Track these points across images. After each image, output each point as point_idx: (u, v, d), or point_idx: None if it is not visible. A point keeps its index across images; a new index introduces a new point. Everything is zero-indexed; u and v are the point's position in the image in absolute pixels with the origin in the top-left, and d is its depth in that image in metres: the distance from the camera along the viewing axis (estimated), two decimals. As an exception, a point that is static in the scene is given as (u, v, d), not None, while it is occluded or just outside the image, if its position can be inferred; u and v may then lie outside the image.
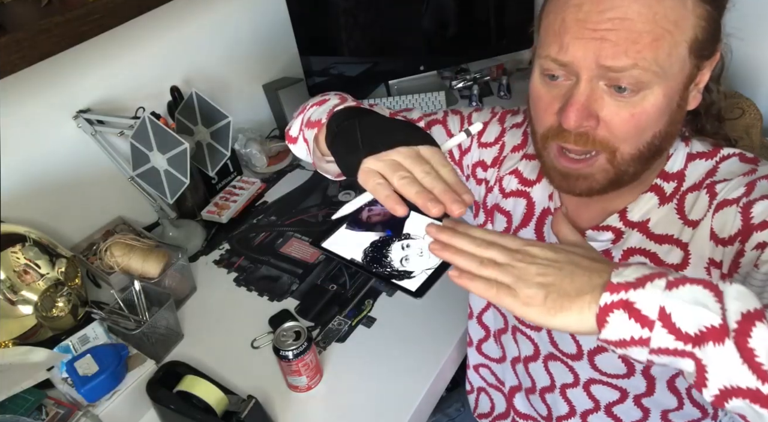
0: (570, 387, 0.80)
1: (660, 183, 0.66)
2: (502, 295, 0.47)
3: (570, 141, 0.59)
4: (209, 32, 1.34)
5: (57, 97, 1.08)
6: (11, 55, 0.80)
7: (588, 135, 0.59)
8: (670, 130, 0.61)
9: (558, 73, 0.58)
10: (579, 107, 0.56)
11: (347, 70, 1.55)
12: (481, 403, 1.02)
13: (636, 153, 0.60)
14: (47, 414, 0.83)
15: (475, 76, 1.57)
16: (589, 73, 0.56)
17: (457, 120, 0.86)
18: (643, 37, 0.53)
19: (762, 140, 1.15)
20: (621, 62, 0.54)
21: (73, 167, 1.14)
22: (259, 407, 0.83)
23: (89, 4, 0.87)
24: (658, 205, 0.66)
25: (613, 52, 0.54)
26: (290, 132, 0.78)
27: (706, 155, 0.66)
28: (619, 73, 0.55)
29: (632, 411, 0.76)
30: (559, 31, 0.56)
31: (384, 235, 1.20)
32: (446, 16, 1.53)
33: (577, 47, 0.55)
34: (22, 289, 0.97)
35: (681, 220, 0.65)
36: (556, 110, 0.59)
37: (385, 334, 0.99)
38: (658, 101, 0.56)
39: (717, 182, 0.63)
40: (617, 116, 0.57)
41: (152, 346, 0.96)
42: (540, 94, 0.61)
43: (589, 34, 0.54)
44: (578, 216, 0.73)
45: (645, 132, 0.59)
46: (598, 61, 0.55)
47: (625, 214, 0.67)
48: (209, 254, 1.22)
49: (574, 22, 0.55)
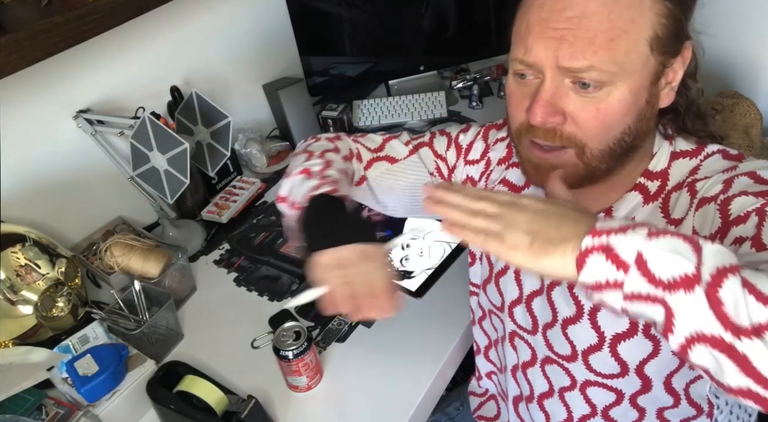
0: (567, 391, 0.80)
1: (644, 182, 0.67)
2: (489, 241, 0.49)
3: (539, 136, 0.62)
4: (209, 32, 1.34)
5: (57, 97, 1.08)
6: (11, 55, 0.80)
7: (556, 131, 0.61)
8: (640, 126, 0.62)
9: (527, 72, 0.61)
10: (544, 104, 0.59)
11: (347, 70, 1.55)
12: (488, 408, 1.02)
13: (606, 149, 0.61)
14: (47, 414, 0.83)
15: (475, 76, 1.57)
16: (552, 72, 0.58)
17: (444, 141, 0.89)
18: (598, 37, 0.55)
19: (762, 140, 1.15)
20: (578, 64, 0.56)
21: (73, 167, 1.14)
22: (259, 407, 0.83)
23: (89, 4, 0.87)
24: (642, 204, 0.67)
25: (570, 52, 0.56)
26: (280, 193, 0.80)
27: (690, 153, 0.66)
28: (577, 74, 0.57)
29: (629, 413, 0.77)
30: (524, 33, 0.59)
31: (384, 235, 1.20)
32: (446, 16, 1.53)
33: (539, 48, 0.58)
34: (22, 289, 0.97)
35: (665, 219, 0.65)
36: (526, 107, 0.62)
37: (385, 334, 0.99)
38: (624, 97, 0.58)
39: (698, 180, 0.63)
40: (583, 111, 0.59)
41: (152, 346, 0.96)
42: (513, 92, 0.64)
43: (550, 32, 0.57)
44: None
45: (612, 128, 0.60)
46: (557, 62, 0.57)
47: (611, 213, 0.68)
48: (209, 254, 1.22)
49: (537, 22, 0.58)
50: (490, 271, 0.85)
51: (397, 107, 1.56)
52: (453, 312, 1.00)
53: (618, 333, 0.69)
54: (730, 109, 1.13)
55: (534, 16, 0.58)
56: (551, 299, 0.75)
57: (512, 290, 0.81)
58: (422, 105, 1.55)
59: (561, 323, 0.75)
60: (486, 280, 0.86)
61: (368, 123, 1.55)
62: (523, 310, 0.80)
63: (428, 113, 1.53)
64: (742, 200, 0.56)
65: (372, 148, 0.90)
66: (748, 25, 1.25)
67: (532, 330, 0.80)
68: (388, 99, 1.57)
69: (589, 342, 0.72)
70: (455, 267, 1.09)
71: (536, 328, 0.79)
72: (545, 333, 0.78)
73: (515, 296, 0.81)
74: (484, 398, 1.03)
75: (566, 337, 0.75)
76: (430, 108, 1.54)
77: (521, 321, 0.82)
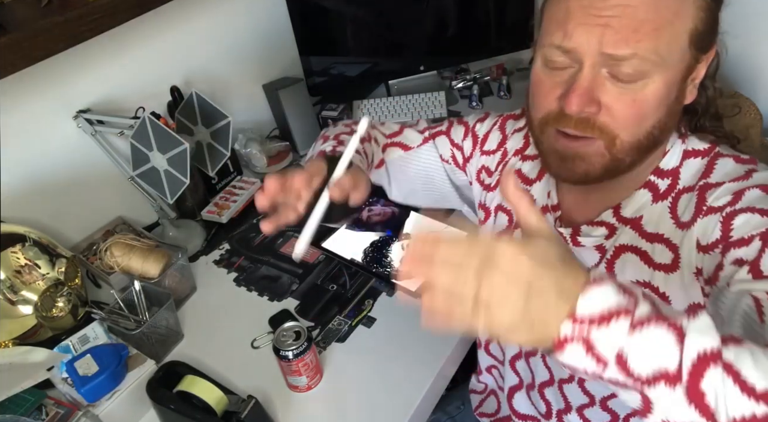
0: (566, 383, 0.80)
1: (654, 180, 0.67)
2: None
3: (570, 126, 0.60)
4: (209, 32, 1.34)
5: (57, 97, 1.08)
6: (11, 55, 0.80)
7: (589, 120, 0.59)
8: (668, 121, 0.61)
9: (561, 60, 0.59)
10: (582, 92, 0.57)
11: (347, 70, 1.55)
12: (488, 404, 1.02)
13: (635, 142, 0.61)
14: (47, 414, 0.83)
15: (475, 76, 1.57)
16: (592, 60, 0.57)
17: (461, 130, 0.88)
18: (644, 26, 0.55)
19: (762, 140, 1.15)
20: (622, 51, 0.55)
21: (73, 167, 1.14)
22: (259, 407, 0.83)
23: (89, 4, 0.87)
24: (651, 202, 0.66)
25: (614, 39, 0.55)
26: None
27: (702, 152, 0.66)
28: (620, 62, 0.56)
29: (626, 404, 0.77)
30: (563, 19, 0.58)
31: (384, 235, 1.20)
32: (446, 16, 1.53)
33: (581, 33, 0.56)
34: (22, 289, 0.97)
35: (673, 220, 0.65)
36: (558, 96, 0.60)
37: (385, 334, 0.99)
38: (659, 90, 0.57)
39: (710, 186, 0.62)
40: (619, 102, 0.58)
41: (152, 346, 0.96)
42: (541, 79, 0.62)
43: (594, 20, 0.56)
44: (576, 211, 0.73)
45: (645, 120, 0.59)
46: (600, 49, 0.56)
47: (619, 210, 0.68)
48: (209, 254, 1.22)
49: (579, 8, 0.57)
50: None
51: (397, 107, 1.56)
52: (453, 312, 1.00)
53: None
54: (730, 109, 1.13)
55: (575, 2, 0.57)
56: None
57: None
58: (422, 105, 1.55)
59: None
60: None
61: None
62: None
63: (428, 113, 1.53)
64: (747, 219, 0.56)
65: (387, 134, 0.89)
66: (748, 25, 1.25)
67: None
68: (388, 99, 1.57)
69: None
70: (455, 267, 1.09)
71: None
72: None
73: None
74: (485, 395, 1.03)
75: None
76: (430, 108, 1.54)
77: None
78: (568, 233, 0.72)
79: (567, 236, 0.72)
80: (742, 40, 1.26)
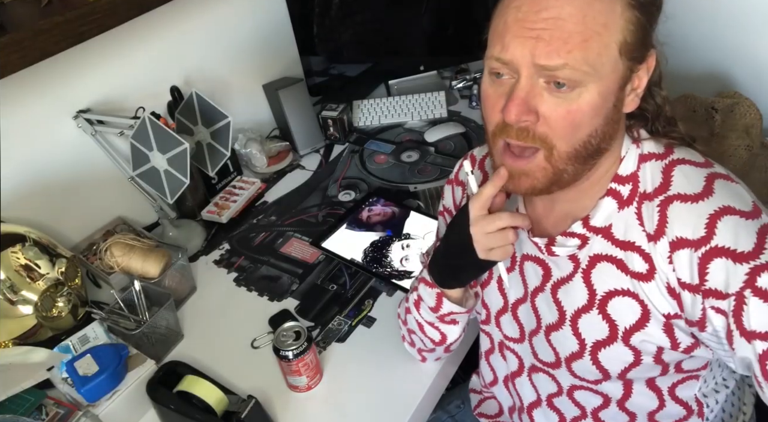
0: (556, 397, 0.81)
1: (616, 187, 0.68)
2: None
3: (512, 136, 0.63)
4: (209, 32, 1.34)
5: (57, 97, 1.08)
6: (11, 55, 0.80)
7: (528, 130, 0.62)
8: (607, 130, 0.63)
9: (502, 71, 0.62)
10: (519, 102, 0.60)
11: (347, 70, 1.56)
12: (488, 405, 1.02)
13: (572, 151, 0.62)
14: (47, 414, 0.83)
15: (475, 76, 1.57)
16: (528, 71, 0.60)
17: (441, 221, 0.92)
18: (573, 37, 0.58)
19: (762, 140, 1.15)
20: (553, 61, 0.58)
21: (73, 167, 1.14)
22: (259, 407, 0.83)
23: (89, 4, 0.87)
24: (618, 209, 0.67)
25: (546, 51, 0.58)
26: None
27: (657, 156, 0.67)
28: (553, 72, 0.58)
29: (618, 416, 0.77)
30: (501, 32, 0.61)
31: (384, 235, 1.20)
32: (446, 16, 1.53)
33: (516, 45, 0.59)
34: (22, 289, 0.97)
35: (642, 228, 0.65)
36: (501, 108, 0.63)
37: (385, 334, 0.99)
38: (594, 99, 0.60)
39: (671, 199, 0.63)
40: (555, 112, 0.60)
41: (152, 346, 0.96)
42: (488, 93, 0.65)
43: (527, 32, 0.59)
44: (545, 221, 0.75)
45: (580, 129, 0.61)
46: (533, 60, 0.59)
47: (588, 220, 0.69)
48: (209, 254, 1.22)
49: (514, 22, 0.60)
50: (474, 284, 0.85)
51: (397, 107, 1.56)
52: (453, 312, 1.00)
53: (598, 340, 0.70)
54: (730, 109, 1.13)
55: (511, 16, 0.60)
56: (535, 305, 0.76)
57: (497, 300, 0.82)
58: (422, 105, 1.55)
59: (545, 329, 0.76)
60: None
61: (368, 123, 1.55)
62: (509, 318, 0.81)
63: (428, 113, 1.53)
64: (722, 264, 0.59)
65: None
66: (748, 25, 1.25)
67: (520, 337, 0.81)
68: (388, 99, 1.57)
69: (570, 349, 0.73)
70: (455, 267, 1.09)
71: (523, 336, 0.80)
72: (531, 340, 0.79)
73: (500, 306, 0.82)
74: (485, 396, 1.03)
75: (549, 344, 0.76)
76: (430, 108, 1.54)
77: (507, 330, 0.82)
78: (543, 243, 0.73)
79: (542, 245, 0.73)
80: (741, 40, 1.26)
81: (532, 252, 0.75)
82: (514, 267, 0.78)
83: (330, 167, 1.44)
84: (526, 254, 0.76)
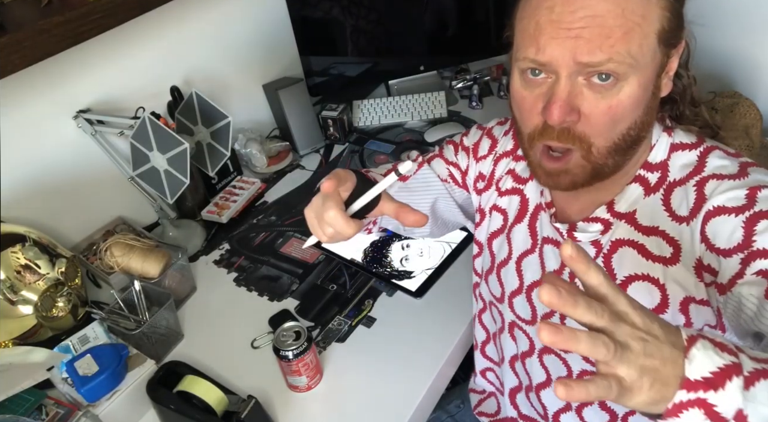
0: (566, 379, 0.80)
1: (644, 174, 0.68)
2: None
3: (554, 138, 0.62)
4: (209, 32, 1.34)
5: (57, 97, 1.08)
6: (11, 55, 0.80)
7: (570, 131, 0.61)
8: (646, 119, 0.63)
9: (537, 72, 0.61)
10: (561, 103, 0.59)
11: (347, 70, 1.56)
12: (488, 404, 1.03)
13: (611, 146, 0.62)
14: (47, 414, 0.83)
15: (475, 76, 1.57)
16: (568, 70, 0.58)
17: (451, 148, 0.91)
18: (614, 32, 0.57)
19: (762, 140, 1.15)
20: (597, 58, 0.57)
21: (73, 167, 1.14)
22: (259, 407, 0.83)
23: (89, 4, 0.87)
24: (644, 195, 0.68)
25: (588, 48, 0.57)
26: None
27: (689, 146, 0.67)
28: (596, 68, 0.58)
29: None
30: (534, 34, 0.59)
31: (384, 235, 1.20)
32: (446, 16, 1.53)
33: (554, 47, 0.58)
34: (22, 289, 0.97)
35: (667, 213, 0.66)
36: (540, 110, 0.62)
37: (385, 334, 0.99)
38: (634, 92, 0.59)
39: (706, 179, 0.64)
40: (596, 108, 0.59)
41: (152, 346, 0.96)
42: (523, 96, 0.64)
43: (564, 33, 0.57)
44: (568, 209, 0.75)
45: (619, 124, 0.61)
46: (575, 59, 0.57)
47: (613, 205, 0.69)
48: (209, 254, 1.22)
49: (548, 23, 0.58)
50: (492, 261, 0.86)
51: (397, 107, 1.56)
52: (453, 312, 1.00)
53: None
54: (730, 109, 1.13)
55: (544, 17, 0.58)
56: None
57: (512, 280, 0.82)
58: (422, 105, 1.55)
59: (559, 313, 0.76)
60: (488, 270, 0.87)
61: (368, 123, 1.55)
62: (522, 300, 0.81)
63: (428, 113, 1.53)
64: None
65: (383, 172, 0.90)
66: (748, 25, 1.25)
67: (531, 320, 0.81)
68: (388, 99, 1.57)
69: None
70: (455, 267, 1.09)
71: (535, 318, 0.80)
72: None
73: (515, 287, 0.82)
74: (485, 395, 1.04)
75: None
76: (430, 108, 1.54)
77: (520, 311, 0.82)
78: (565, 229, 0.73)
79: (564, 231, 0.73)
80: (741, 40, 1.26)
81: (554, 236, 0.75)
82: (534, 250, 0.79)
83: (330, 167, 1.44)
84: (547, 237, 0.76)
